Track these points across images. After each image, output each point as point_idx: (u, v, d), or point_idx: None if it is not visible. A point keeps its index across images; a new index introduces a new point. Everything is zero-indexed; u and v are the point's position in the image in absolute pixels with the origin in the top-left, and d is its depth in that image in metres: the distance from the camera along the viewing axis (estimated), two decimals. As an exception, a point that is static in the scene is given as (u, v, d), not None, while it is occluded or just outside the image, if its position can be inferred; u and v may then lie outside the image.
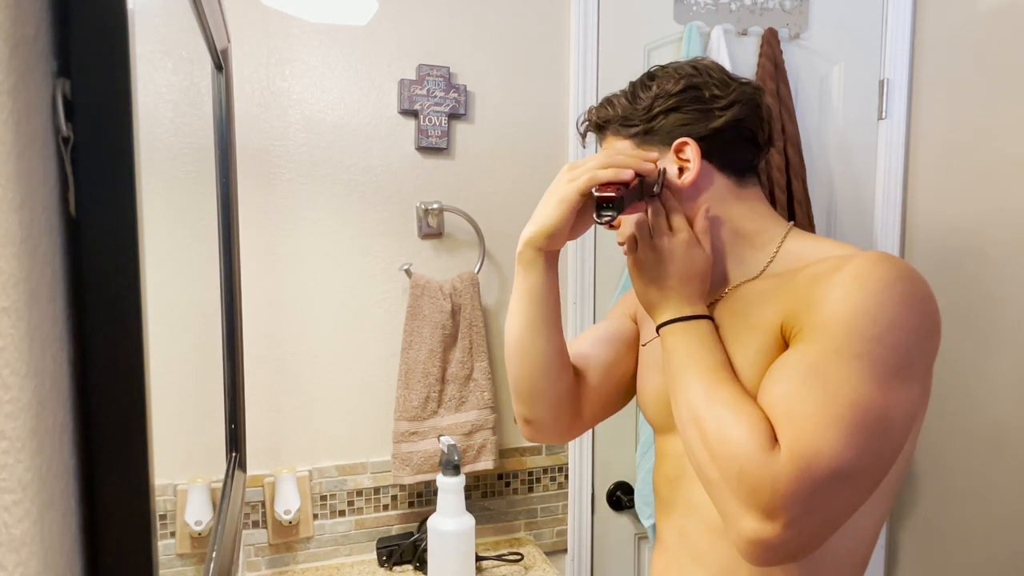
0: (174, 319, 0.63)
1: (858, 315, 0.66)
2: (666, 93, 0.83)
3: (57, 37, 0.36)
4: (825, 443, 0.63)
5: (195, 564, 0.68)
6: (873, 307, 0.66)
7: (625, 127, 0.86)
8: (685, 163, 0.82)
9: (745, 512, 0.66)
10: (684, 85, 0.83)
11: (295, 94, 1.36)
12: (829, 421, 0.64)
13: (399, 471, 1.39)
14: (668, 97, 0.83)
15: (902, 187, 1.76)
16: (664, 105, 0.83)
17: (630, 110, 0.86)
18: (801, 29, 1.68)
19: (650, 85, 0.85)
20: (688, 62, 0.86)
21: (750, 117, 0.83)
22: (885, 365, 0.66)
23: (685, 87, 0.83)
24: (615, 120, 0.88)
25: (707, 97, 0.82)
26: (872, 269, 0.68)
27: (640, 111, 0.85)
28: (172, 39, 0.66)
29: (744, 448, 0.66)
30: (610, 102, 0.89)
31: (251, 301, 1.32)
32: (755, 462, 0.65)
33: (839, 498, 0.65)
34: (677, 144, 0.83)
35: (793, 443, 0.64)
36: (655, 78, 0.86)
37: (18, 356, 0.32)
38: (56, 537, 0.36)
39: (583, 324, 1.56)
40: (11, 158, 0.32)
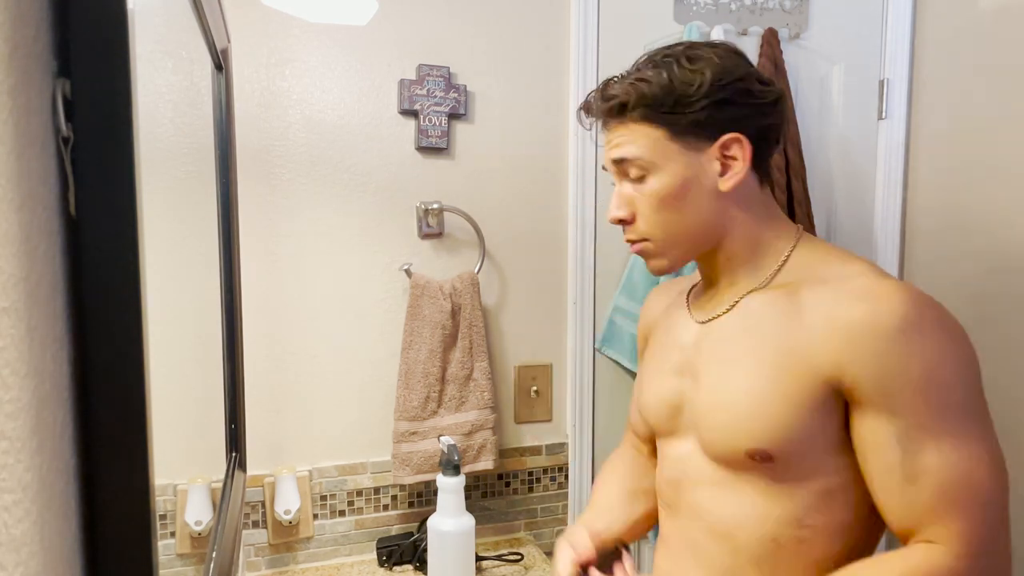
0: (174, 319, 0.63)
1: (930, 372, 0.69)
2: (718, 81, 0.75)
3: (57, 37, 0.36)
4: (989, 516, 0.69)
5: (195, 564, 0.68)
6: (941, 359, 0.69)
7: (660, 113, 0.77)
8: (730, 161, 0.78)
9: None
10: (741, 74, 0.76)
11: (295, 94, 1.36)
12: (975, 497, 0.68)
13: (399, 471, 1.39)
14: (722, 86, 0.75)
15: (902, 187, 1.76)
16: (718, 95, 0.75)
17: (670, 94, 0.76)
18: (801, 29, 1.68)
19: (694, 68, 0.76)
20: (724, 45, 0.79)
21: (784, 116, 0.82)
22: (974, 409, 0.71)
23: (741, 76, 0.76)
24: (648, 103, 0.77)
25: (756, 91, 0.77)
26: (922, 318, 0.70)
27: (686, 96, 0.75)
28: (172, 39, 0.66)
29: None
30: (643, 80, 0.78)
31: (251, 301, 1.32)
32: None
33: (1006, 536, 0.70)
34: (727, 140, 0.76)
35: (966, 543, 0.68)
36: (696, 60, 0.76)
37: (18, 356, 0.32)
38: (56, 537, 0.36)
39: (583, 324, 1.56)
40: (11, 158, 0.32)
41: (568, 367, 1.57)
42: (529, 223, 1.52)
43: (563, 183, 1.54)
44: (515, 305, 1.53)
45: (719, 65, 0.76)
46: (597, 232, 1.56)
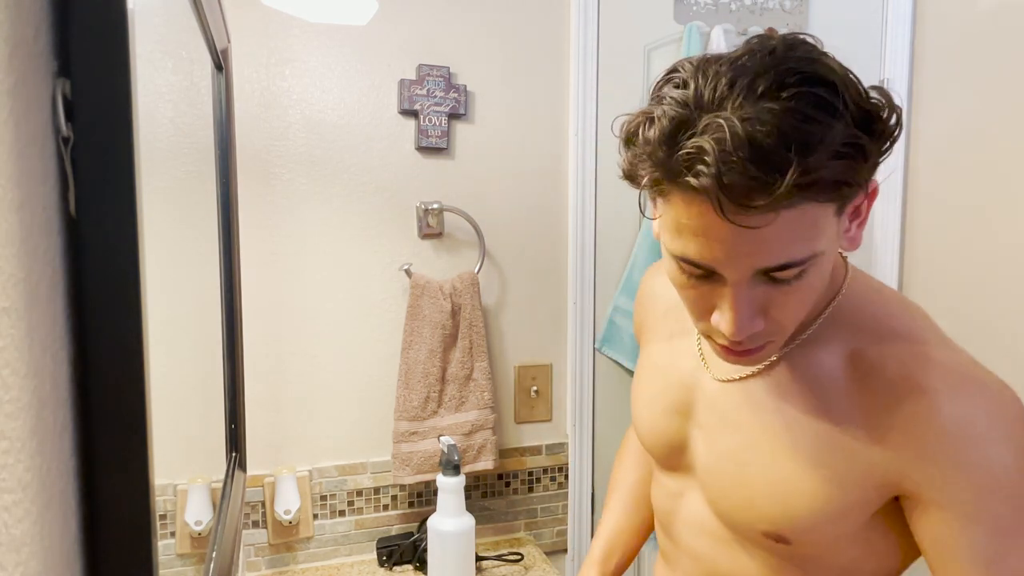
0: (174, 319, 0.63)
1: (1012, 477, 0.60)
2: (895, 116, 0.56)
3: (57, 37, 0.36)
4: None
5: (195, 564, 0.68)
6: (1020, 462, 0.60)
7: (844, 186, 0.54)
8: (859, 213, 0.61)
9: None
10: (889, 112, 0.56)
11: (295, 94, 1.36)
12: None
13: (399, 471, 1.39)
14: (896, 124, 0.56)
15: (902, 187, 1.76)
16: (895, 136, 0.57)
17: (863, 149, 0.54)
18: (801, 29, 1.68)
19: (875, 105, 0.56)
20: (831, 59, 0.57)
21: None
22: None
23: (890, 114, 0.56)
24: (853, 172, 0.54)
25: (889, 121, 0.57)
26: (992, 415, 0.60)
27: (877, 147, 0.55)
28: (172, 39, 0.66)
29: None
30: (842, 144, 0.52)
31: (251, 301, 1.32)
32: None
33: None
34: (874, 190, 0.60)
35: None
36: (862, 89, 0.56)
37: (18, 356, 0.32)
38: (56, 537, 0.36)
39: (583, 324, 1.56)
40: (11, 158, 0.32)
41: (568, 367, 1.57)
42: (529, 223, 1.53)
43: (563, 183, 1.54)
44: (515, 305, 1.53)
45: (880, 92, 0.57)
46: (597, 232, 1.56)
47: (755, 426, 0.69)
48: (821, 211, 0.55)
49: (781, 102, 0.52)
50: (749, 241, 0.55)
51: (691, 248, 0.58)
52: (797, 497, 0.66)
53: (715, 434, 0.74)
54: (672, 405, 0.79)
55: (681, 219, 0.57)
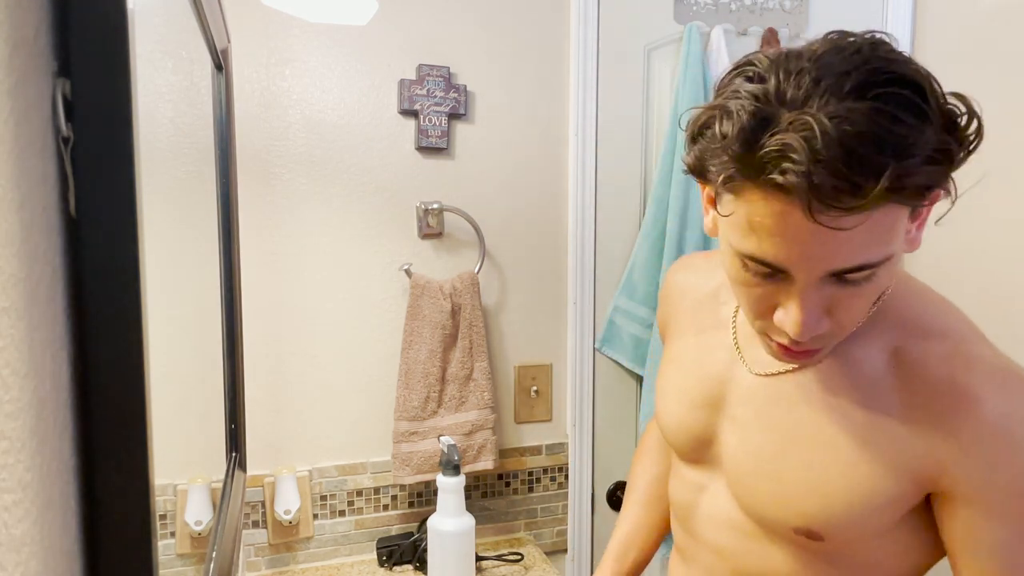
0: (174, 319, 0.63)
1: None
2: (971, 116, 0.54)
3: (57, 37, 0.36)
4: None
5: (195, 564, 0.68)
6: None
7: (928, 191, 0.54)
8: (923, 213, 0.60)
9: None
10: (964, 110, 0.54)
11: (295, 94, 1.36)
12: None
13: (399, 471, 1.39)
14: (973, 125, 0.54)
15: (902, 187, 1.76)
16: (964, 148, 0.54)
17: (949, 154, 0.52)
18: (801, 29, 1.68)
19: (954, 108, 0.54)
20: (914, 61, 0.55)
21: None
22: None
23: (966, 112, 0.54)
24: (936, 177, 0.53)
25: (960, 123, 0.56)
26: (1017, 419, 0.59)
27: (961, 153, 0.54)
28: (172, 39, 0.66)
29: None
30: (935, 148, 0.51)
31: (251, 301, 1.32)
32: None
33: None
34: (935, 196, 0.56)
35: None
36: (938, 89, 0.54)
37: (18, 356, 0.32)
38: (56, 537, 0.36)
39: (583, 324, 1.56)
40: (11, 158, 0.32)
41: (568, 367, 1.57)
42: (529, 223, 1.53)
43: (563, 183, 1.54)
44: (515, 305, 1.53)
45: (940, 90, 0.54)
46: (597, 232, 1.56)
47: (793, 421, 0.68)
48: (901, 213, 0.55)
49: (868, 102, 0.50)
50: (827, 242, 0.54)
51: (765, 247, 0.56)
52: (835, 493, 0.65)
53: (749, 428, 0.73)
54: (703, 398, 0.78)
55: (755, 217, 0.55)
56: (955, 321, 0.66)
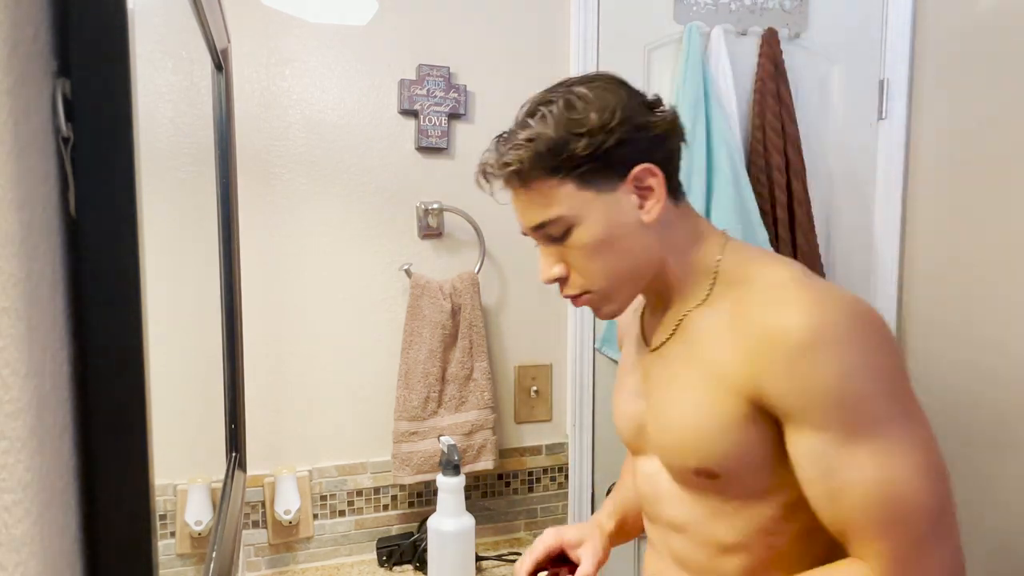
0: (174, 319, 0.63)
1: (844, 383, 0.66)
2: (607, 124, 0.74)
3: (57, 37, 0.36)
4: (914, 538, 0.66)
5: (195, 564, 0.68)
6: (853, 370, 0.66)
7: (560, 167, 0.75)
8: (646, 192, 0.76)
9: None
10: (623, 115, 0.74)
11: (295, 94, 1.36)
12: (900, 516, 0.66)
13: (399, 471, 1.39)
14: (612, 128, 0.73)
15: (902, 187, 1.76)
16: (612, 137, 0.73)
17: (563, 147, 0.74)
18: (801, 29, 1.68)
19: (578, 115, 0.75)
20: (601, 79, 0.79)
21: (676, 126, 0.79)
22: (901, 412, 0.68)
23: (628, 112, 0.75)
24: (545, 162, 0.75)
25: (648, 123, 0.76)
26: (829, 328, 0.67)
27: (579, 146, 0.73)
28: (172, 39, 0.66)
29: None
30: (530, 140, 0.76)
31: (251, 301, 1.32)
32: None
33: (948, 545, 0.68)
34: (638, 172, 0.75)
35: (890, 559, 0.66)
36: (574, 105, 0.75)
37: (18, 356, 0.32)
38: (56, 537, 0.36)
39: (583, 324, 1.56)
40: (11, 158, 0.32)
41: (568, 367, 1.57)
42: (529, 223, 1.52)
43: (563, 183, 1.54)
44: (515, 305, 1.53)
45: (601, 105, 0.74)
46: (597, 232, 1.56)
47: (672, 378, 0.80)
48: (557, 186, 0.76)
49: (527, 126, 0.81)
50: (519, 208, 0.83)
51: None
52: (706, 426, 0.75)
53: (652, 396, 0.84)
54: (632, 389, 0.89)
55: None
56: (781, 269, 0.76)
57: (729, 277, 0.78)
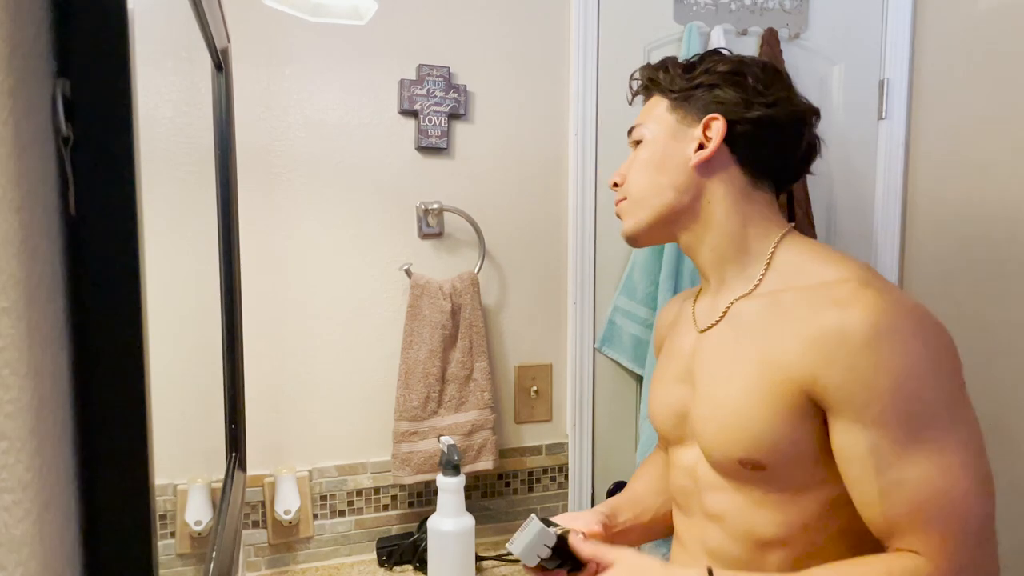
0: (174, 319, 0.63)
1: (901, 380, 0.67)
2: (712, 69, 0.84)
3: (57, 37, 0.36)
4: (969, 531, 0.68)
5: (195, 564, 0.68)
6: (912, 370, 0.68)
7: (668, 88, 0.87)
8: (707, 140, 0.83)
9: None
10: (731, 68, 0.84)
11: (295, 94, 1.36)
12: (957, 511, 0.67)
13: (399, 471, 1.39)
14: (714, 73, 0.84)
15: (902, 187, 1.76)
16: (706, 79, 0.84)
17: (679, 76, 0.87)
18: (801, 29, 1.68)
19: (704, 58, 0.87)
20: (758, 59, 0.87)
21: (788, 127, 0.83)
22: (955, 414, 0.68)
23: (732, 70, 0.83)
24: (662, 78, 0.88)
25: (749, 86, 0.83)
26: (894, 326, 0.68)
27: (686, 78, 0.85)
28: (172, 39, 0.66)
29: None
30: (665, 66, 0.89)
31: (251, 301, 1.32)
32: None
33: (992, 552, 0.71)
34: (708, 119, 0.83)
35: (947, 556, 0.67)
36: (715, 54, 0.87)
37: (18, 356, 0.32)
38: (56, 537, 0.36)
39: (583, 324, 1.56)
40: (11, 158, 0.32)
41: (568, 367, 1.57)
42: (529, 223, 1.53)
43: (563, 183, 1.54)
44: (515, 305, 1.53)
45: (726, 61, 0.84)
46: (597, 232, 1.56)
47: (719, 365, 0.81)
48: (657, 102, 0.88)
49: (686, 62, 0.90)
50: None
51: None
52: (754, 416, 0.75)
53: (698, 383, 0.85)
54: (675, 375, 0.90)
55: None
56: (844, 268, 0.76)
57: (783, 268, 0.81)
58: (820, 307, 0.72)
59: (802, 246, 0.83)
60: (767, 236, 0.83)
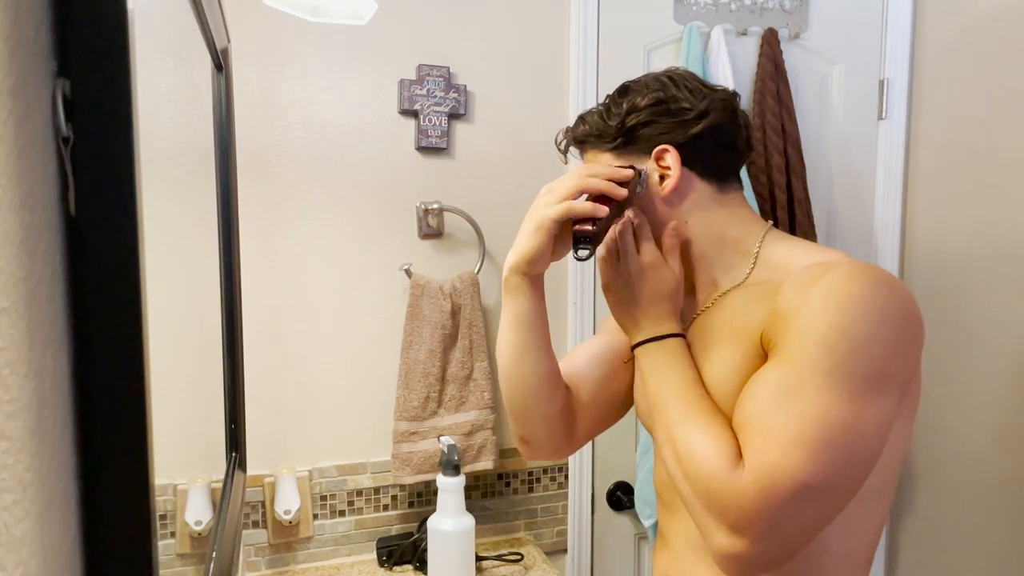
0: (174, 319, 0.63)
1: (831, 331, 0.67)
2: (636, 108, 0.84)
3: (57, 37, 0.36)
4: (788, 460, 0.65)
5: (195, 564, 0.68)
6: (845, 322, 0.67)
7: (603, 142, 0.87)
8: (666, 170, 0.83)
9: (716, 528, 0.69)
10: (654, 99, 0.84)
11: (295, 94, 1.36)
12: (793, 438, 0.66)
13: (399, 471, 1.39)
14: (639, 111, 0.84)
15: (902, 187, 1.76)
16: (636, 119, 0.84)
17: (603, 127, 0.87)
18: (801, 29, 1.68)
19: (621, 101, 0.86)
20: (661, 73, 0.87)
21: (727, 123, 0.84)
22: (856, 379, 0.67)
23: (655, 100, 0.84)
24: (592, 136, 0.88)
25: (678, 109, 0.83)
26: (847, 283, 0.69)
27: (614, 127, 0.85)
28: (172, 39, 0.66)
29: (710, 466, 0.69)
30: (583, 119, 0.90)
31: (251, 301, 1.32)
32: (720, 480, 0.68)
33: (806, 513, 0.67)
34: (657, 152, 0.83)
35: (756, 461, 0.67)
36: (627, 92, 0.86)
37: (18, 356, 0.32)
38: (56, 537, 0.36)
39: (583, 324, 1.56)
40: (11, 158, 0.32)
41: (568, 367, 1.57)
42: (529, 223, 1.52)
43: (563, 183, 1.54)
44: (515, 305, 1.53)
45: (642, 93, 0.85)
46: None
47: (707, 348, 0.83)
48: (603, 156, 0.88)
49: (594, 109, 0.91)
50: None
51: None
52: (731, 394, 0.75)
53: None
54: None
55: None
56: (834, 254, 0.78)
57: (771, 260, 0.82)
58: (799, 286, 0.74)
59: (787, 240, 0.85)
60: (750, 235, 0.85)
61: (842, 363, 0.67)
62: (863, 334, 0.67)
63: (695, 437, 0.72)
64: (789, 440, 0.66)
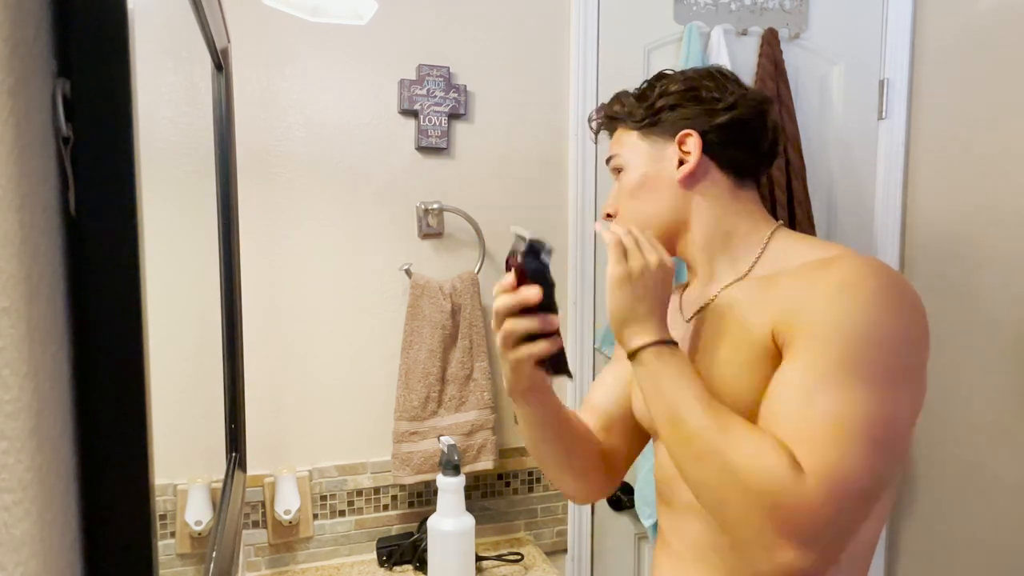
0: (174, 319, 0.63)
1: (853, 327, 0.67)
2: (667, 91, 0.88)
3: (57, 37, 0.36)
4: (846, 461, 0.64)
5: (195, 564, 0.68)
6: (865, 318, 0.68)
7: (631, 120, 0.91)
8: (686, 155, 0.86)
9: (778, 542, 0.64)
10: (686, 85, 0.87)
11: (295, 94, 1.36)
12: (848, 439, 0.65)
13: (399, 471, 1.39)
14: (669, 95, 0.87)
15: (902, 187, 1.76)
16: (665, 102, 0.87)
17: (634, 106, 0.91)
18: (801, 29, 1.68)
19: (656, 84, 0.90)
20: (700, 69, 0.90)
21: (754, 121, 0.86)
22: (885, 374, 0.67)
23: (687, 87, 0.87)
24: (623, 114, 0.92)
25: (706, 98, 0.86)
26: (860, 278, 0.70)
27: (644, 107, 0.89)
28: (172, 39, 0.66)
29: (776, 476, 0.64)
30: (619, 100, 0.93)
31: (251, 301, 1.32)
32: (790, 491, 0.63)
33: (861, 513, 0.67)
34: (680, 136, 0.86)
35: (820, 467, 0.64)
36: (663, 77, 0.91)
37: (18, 356, 0.32)
38: (56, 537, 0.36)
39: (583, 324, 1.56)
40: (11, 158, 0.32)
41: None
42: (529, 223, 1.52)
43: (563, 183, 1.54)
44: (515, 305, 1.53)
45: (677, 80, 0.88)
46: (597, 232, 1.56)
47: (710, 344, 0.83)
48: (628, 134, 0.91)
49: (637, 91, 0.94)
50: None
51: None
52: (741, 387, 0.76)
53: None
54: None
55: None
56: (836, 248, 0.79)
57: (777, 254, 0.83)
58: (804, 274, 0.75)
59: (795, 236, 0.86)
60: (758, 231, 0.86)
61: (870, 360, 0.67)
62: (882, 330, 0.68)
63: (746, 447, 0.67)
64: (843, 440, 0.65)
